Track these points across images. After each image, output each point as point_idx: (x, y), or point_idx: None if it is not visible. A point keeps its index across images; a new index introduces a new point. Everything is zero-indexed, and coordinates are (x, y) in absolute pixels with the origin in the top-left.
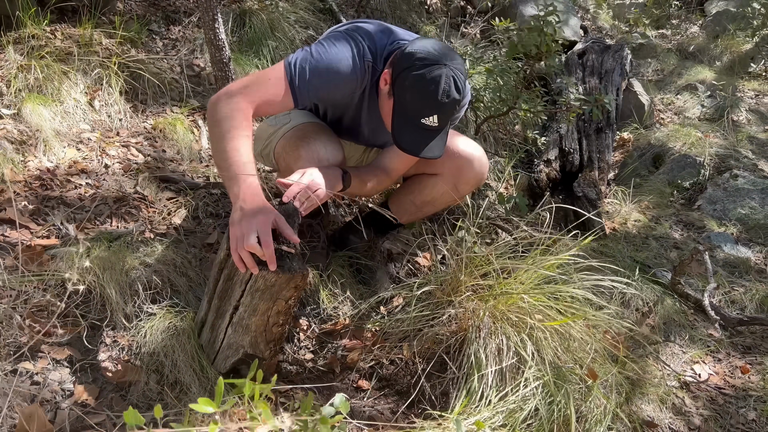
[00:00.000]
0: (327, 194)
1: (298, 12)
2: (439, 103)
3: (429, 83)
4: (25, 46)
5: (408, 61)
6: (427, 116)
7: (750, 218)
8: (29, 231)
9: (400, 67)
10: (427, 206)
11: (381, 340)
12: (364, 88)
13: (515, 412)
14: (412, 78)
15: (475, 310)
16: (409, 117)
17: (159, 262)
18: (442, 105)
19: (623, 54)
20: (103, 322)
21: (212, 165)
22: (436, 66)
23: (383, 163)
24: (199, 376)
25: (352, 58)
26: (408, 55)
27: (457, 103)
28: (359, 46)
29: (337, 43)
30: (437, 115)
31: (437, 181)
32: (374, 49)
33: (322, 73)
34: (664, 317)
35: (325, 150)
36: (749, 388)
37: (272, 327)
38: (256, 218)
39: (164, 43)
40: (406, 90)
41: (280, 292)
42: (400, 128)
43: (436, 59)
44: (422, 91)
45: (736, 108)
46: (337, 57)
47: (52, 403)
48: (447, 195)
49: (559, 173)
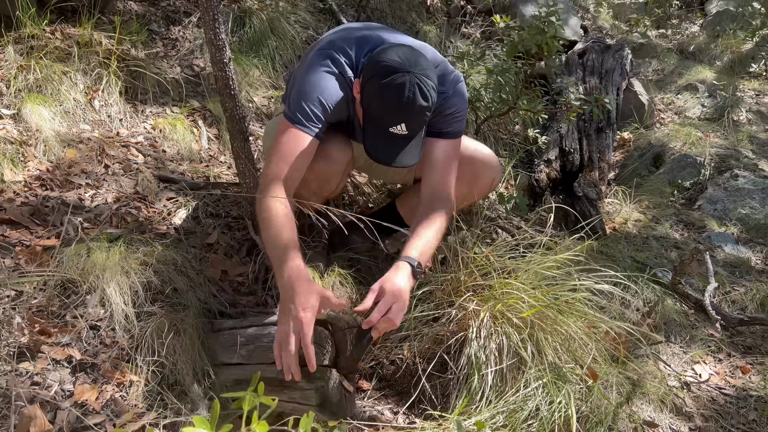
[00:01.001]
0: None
1: (298, 12)
2: (404, 111)
3: (392, 91)
4: (25, 46)
5: (373, 70)
6: (395, 125)
7: (750, 218)
8: (29, 231)
9: (366, 76)
10: None
11: (381, 340)
12: (351, 101)
13: (516, 412)
14: (376, 87)
15: (475, 311)
16: (378, 126)
17: (159, 262)
18: (408, 113)
19: (623, 54)
20: (103, 322)
21: (212, 165)
22: (400, 74)
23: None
24: (200, 376)
25: (334, 79)
26: (374, 64)
27: (426, 109)
28: (337, 65)
29: (317, 72)
30: (404, 123)
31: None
32: (352, 63)
33: (316, 102)
34: (664, 317)
35: (334, 149)
36: (750, 388)
37: None
38: (297, 318)
39: (164, 43)
40: (372, 99)
41: None
42: (370, 138)
43: (399, 66)
44: (387, 100)
45: (737, 108)
46: (320, 85)
47: (52, 403)
48: (457, 199)
49: (559, 173)
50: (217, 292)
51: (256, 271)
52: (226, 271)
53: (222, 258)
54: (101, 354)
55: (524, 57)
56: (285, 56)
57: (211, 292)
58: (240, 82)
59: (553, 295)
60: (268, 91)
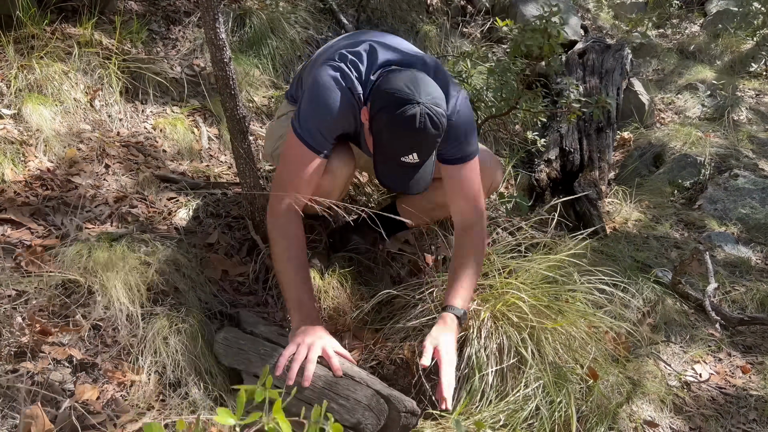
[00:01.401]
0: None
1: (298, 12)
2: (416, 142)
3: (403, 124)
4: (25, 45)
5: (382, 101)
6: (406, 155)
7: (751, 218)
8: (29, 231)
9: (375, 106)
10: (437, 210)
11: (382, 340)
12: (359, 117)
13: (516, 411)
14: (386, 119)
15: (476, 311)
16: (389, 156)
17: (159, 262)
18: (420, 143)
19: (624, 53)
20: (104, 321)
21: (212, 165)
22: (410, 104)
23: (462, 226)
24: (202, 376)
25: (342, 94)
26: (382, 94)
27: (437, 137)
28: (347, 81)
29: (327, 89)
30: (416, 153)
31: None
32: (361, 78)
33: (328, 125)
34: (664, 317)
35: (337, 160)
36: (750, 387)
37: None
38: (314, 344)
39: (164, 42)
40: (381, 131)
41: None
42: (382, 167)
43: (408, 97)
44: (398, 133)
45: (737, 107)
46: (330, 106)
47: (53, 403)
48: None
49: (559, 173)
50: (218, 292)
51: (257, 270)
52: (227, 270)
53: (222, 258)
54: (102, 354)
55: (525, 57)
56: (285, 56)
57: (212, 292)
58: (240, 81)
59: (553, 295)
60: (268, 90)
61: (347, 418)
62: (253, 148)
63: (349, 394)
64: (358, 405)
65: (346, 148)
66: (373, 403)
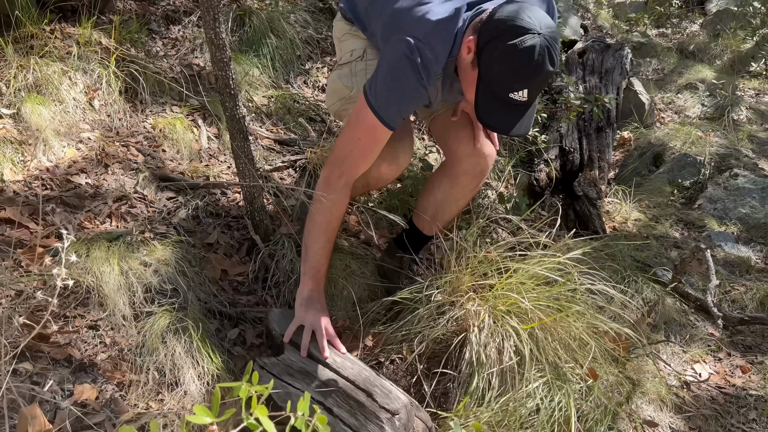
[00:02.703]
0: None
1: (297, 12)
2: (532, 76)
3: (522, 55)
4: (24, 45)
5: (497, 29)
6: (516, 90)
7: (750, 217)
8: (29, 231)
9: (487, 35)
10: (447, 213)
11: (381, 340)
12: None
13: (516, 411)
14: (502, 48)
15: (476, 311)
16: (497, 91)
17: (159, 262)
18: (535, 78)
19: (623, 53)
20: (102, 321)
21: (212, 164)
22: (530, 35)
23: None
24: (201, 376)
25: (415, 76)
26: (497, 22)
27: (550, 75)
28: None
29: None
30: (527, 90)
31: (450, 189)
32: (433, 54)
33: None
34: (664, 317)
35: (402, 151)
36: (750, 387)
37: None
38: (318, 319)
39: (164, 42)
40: (494, 61)
41: None
42: (485, 104)
43: (529, 27)
44: (513, 64)
45: (737, 107)
46: (403, 85)
47: (52, 403)
48: (463, 200)
49: (559, 172)
50: (217, 292)
51: (256, 270)
52: (226, 270)
53: (222, 257)
54: (101, 354)
55: None
56: (285, 56)
57: (211, 292)
58: (239, 81)
59: (553, 295)
60: (268, 90)
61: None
62: (252, 147)
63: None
64: None
65: (409, 132)
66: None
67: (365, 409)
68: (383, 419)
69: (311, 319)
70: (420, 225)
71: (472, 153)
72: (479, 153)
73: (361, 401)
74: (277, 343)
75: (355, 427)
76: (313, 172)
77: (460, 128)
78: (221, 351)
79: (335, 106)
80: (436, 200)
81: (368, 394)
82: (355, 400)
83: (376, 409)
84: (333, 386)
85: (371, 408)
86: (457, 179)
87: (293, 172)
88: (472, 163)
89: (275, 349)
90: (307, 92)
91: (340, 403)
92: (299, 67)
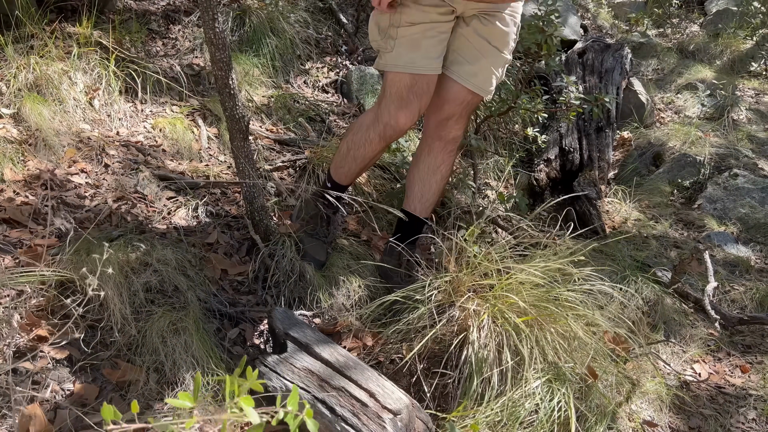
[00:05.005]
0: None
1: (297, 11)
2: None
3: None
4: (24, 45)
5: None
6: None
7: (750, 217)
8: (29, 231)
9: None
10: (429, 185)
11: (381, 340)
12: None
13: (515, 411)
14: None
15: (476, 311)
16: None
17: (159, 262)
18: None
19: (623, 53)
20: (102, 321)
21: (212, 164)
22: None
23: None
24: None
25: None
26: None
27: None
28: None
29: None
30: None
31: (428, 157)
32: None
33: None
34: (663, 316)
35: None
36: (749, 387)
37: None
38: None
39: (164, 42)
40: None
41: None
42: None
43: None
44: None
45: (736, 107)
46: None
47: (52, 402)
48: (443, 166)
49: (559, 172)
50: (217, 291)
51: (256, 270)
52: (226, 270)
53: (222, 257)
54: (101, 353)
55: (523, 56)
56: (284, 55)
57: (211, 292)
58: (239, 81)
59: (553, 295)
60: (268, 90)
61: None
62: (252, 147)
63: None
64: None
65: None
66: None
67: (367, 409)
68: (385, 419)
69: None
70: (410, 206)
71: (439, 120)
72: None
73: (363, 401)
74: (280, 341)
75: (357, 426)
76: (312, 172)
77: (435, 97)
78: (221, 351)
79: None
80: (419, 173)
81: (371, 394)
82: (358, 400)
83: (378, 409)
84: (336, 385)
85: (374, 408)
86: (431, 147)
87: (293, 171)
88: (441, 127)
89: (278, 348)
90: (307, 92)
91: (343, 402)
92: (299, 67)
